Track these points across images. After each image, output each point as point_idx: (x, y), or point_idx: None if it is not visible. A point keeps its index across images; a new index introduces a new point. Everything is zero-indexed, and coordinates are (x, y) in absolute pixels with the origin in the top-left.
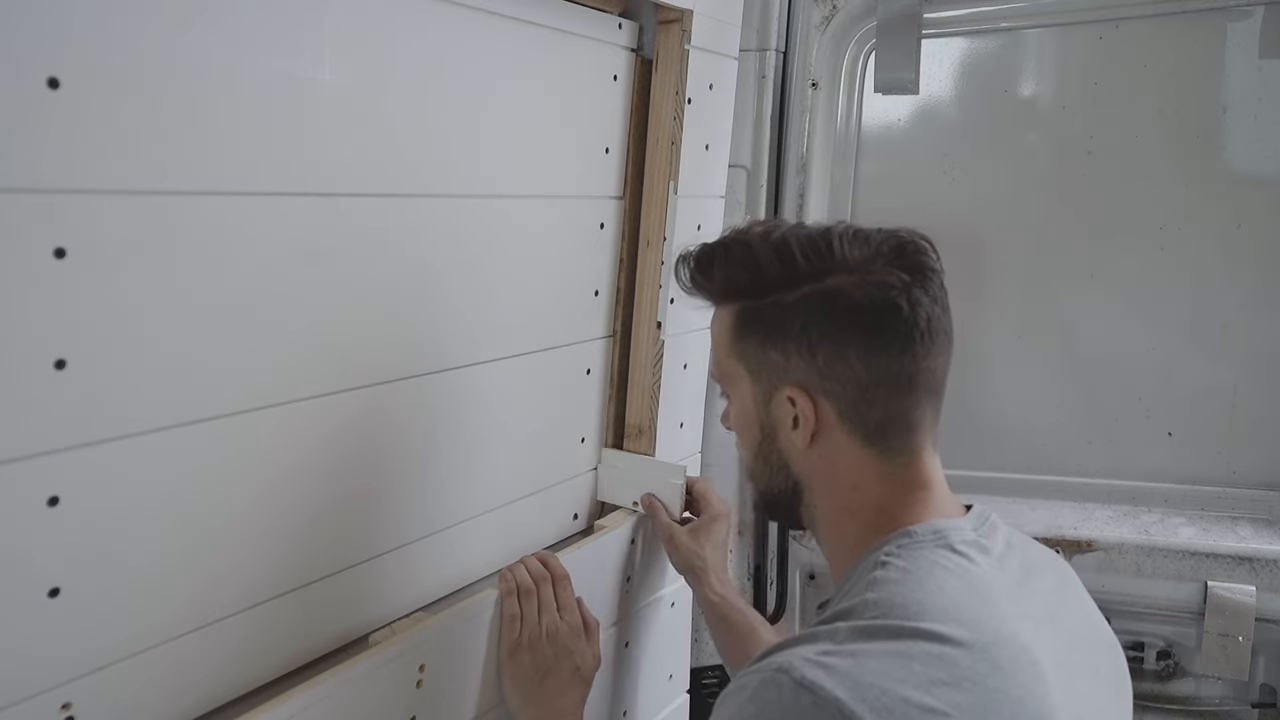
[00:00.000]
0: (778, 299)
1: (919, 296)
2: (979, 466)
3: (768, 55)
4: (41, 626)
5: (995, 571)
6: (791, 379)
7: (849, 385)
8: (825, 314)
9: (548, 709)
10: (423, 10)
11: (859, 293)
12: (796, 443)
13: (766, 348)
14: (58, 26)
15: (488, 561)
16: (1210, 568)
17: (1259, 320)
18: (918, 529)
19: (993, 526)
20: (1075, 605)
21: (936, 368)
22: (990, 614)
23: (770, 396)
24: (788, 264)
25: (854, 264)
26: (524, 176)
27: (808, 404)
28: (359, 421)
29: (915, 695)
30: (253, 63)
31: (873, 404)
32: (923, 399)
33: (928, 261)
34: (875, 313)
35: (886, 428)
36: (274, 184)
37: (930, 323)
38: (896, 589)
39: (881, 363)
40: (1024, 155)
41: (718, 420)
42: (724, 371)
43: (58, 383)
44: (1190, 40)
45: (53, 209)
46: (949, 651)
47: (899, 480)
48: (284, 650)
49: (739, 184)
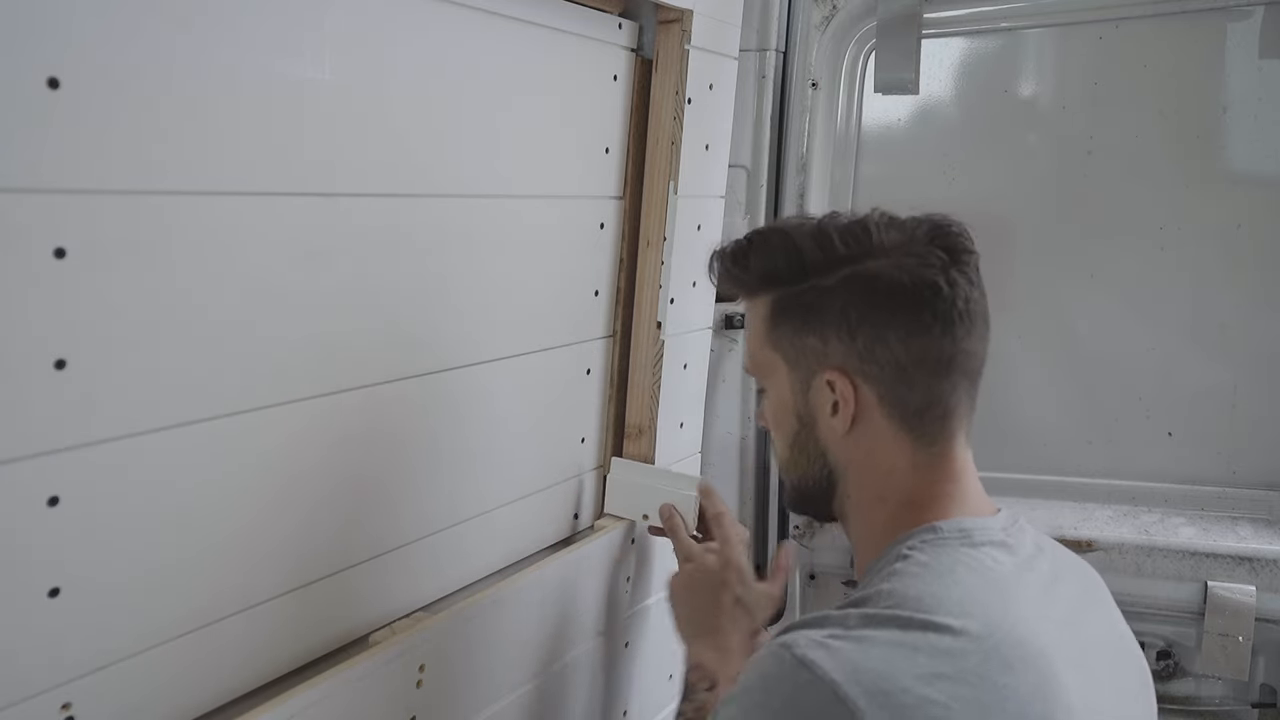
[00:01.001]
0: (816, 283)
1: (956, 277)
2: (979, 466)
3: (768, 55)
4: (41, 626)
5: (1020, 573)
6: (830, 363)
7: (888, 367)
8: (865, 295)
9: (712, 642)
10: (422, 10)
11: (899, 273)
12: (836, 429)
13: (804, 333)
14: (58, 26)
15: (488, 562)
16: (1210, 568)
17: (1259, 320)
18: (944, 525)
19: (1021, 529)
20: (1102, 612)
21: (975, 351)
22: (1006, 613)
23: (808, 383)
24: (826, 248)
25: (891, 247)
26: (524, 176)
27: (848, 387)
28: (359, 421)
29: (915, 685)
30: (252, 63)
31: (912, 386)
32: (960, 383)
33: (965, 243)
34: (915, 292)
35: (924, 412)
36: (274, 184)
37: (969, 304)
38: (913, 582)
39: (921, 344)
40: (1024, 155)
41: (716, 420)
42: (759, 363)
43: (58, 383)
44: (1190, 40)
45: (53, 209)
46: (958, 645)
47: (931, 470)
48: (284, 650)
49: (739, 184)
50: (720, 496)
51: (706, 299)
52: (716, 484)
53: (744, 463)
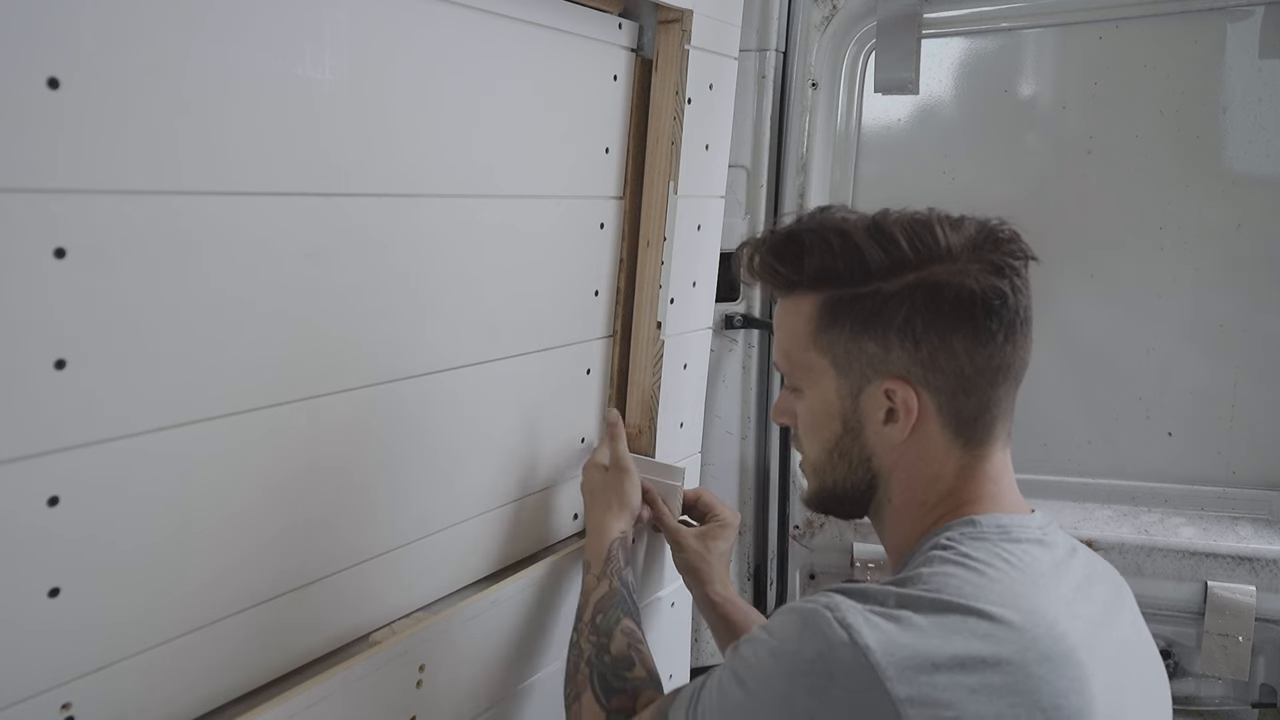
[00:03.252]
0: (880, 287)
1: (1019, 285)
2: None
3: (768, 55)
4: (41, 626)
5: (1056, 570)
6: (891, 371)
7: (951, 376)
8: (933, 303)
9: (590, 534)
10: (423, 10)
11: (970, 280)
12: (889, 437)
13: (862, 339)
14: (58, 26)
15: (488, 561)
16: (1210, 568)
17: (1259, 320)
18: (982, 519)
19: (1056, 530)
20: (1129, 618)
21: (1026, 357)
22: (1046, 606)
23: (860, 389)
24: (892, 251)
25: (956, 252)
26: (524, 176)
27: (911, 396)
28: (359, 421)
29: (949, 665)
30: (253, 63)
31: (970, 394)
32: (1010, 390)
33: (1024, 249)
34: (986, 301)
35: (977, 419)
36: (274, 184)
37: (1027, 311)
38: (955, 570)
39: (987, 353)
40: (1024, 155)
41: (716, 419)
42: (798, 364)
43: (58, 383)
44: (1190, 40)
45: (53, 209)
46: (997, 632)
47: (973, 472)
48: (284, 650)
49: (739, 184)
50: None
51: (707, 299)
52: (716, 484)
53: (744, 462)
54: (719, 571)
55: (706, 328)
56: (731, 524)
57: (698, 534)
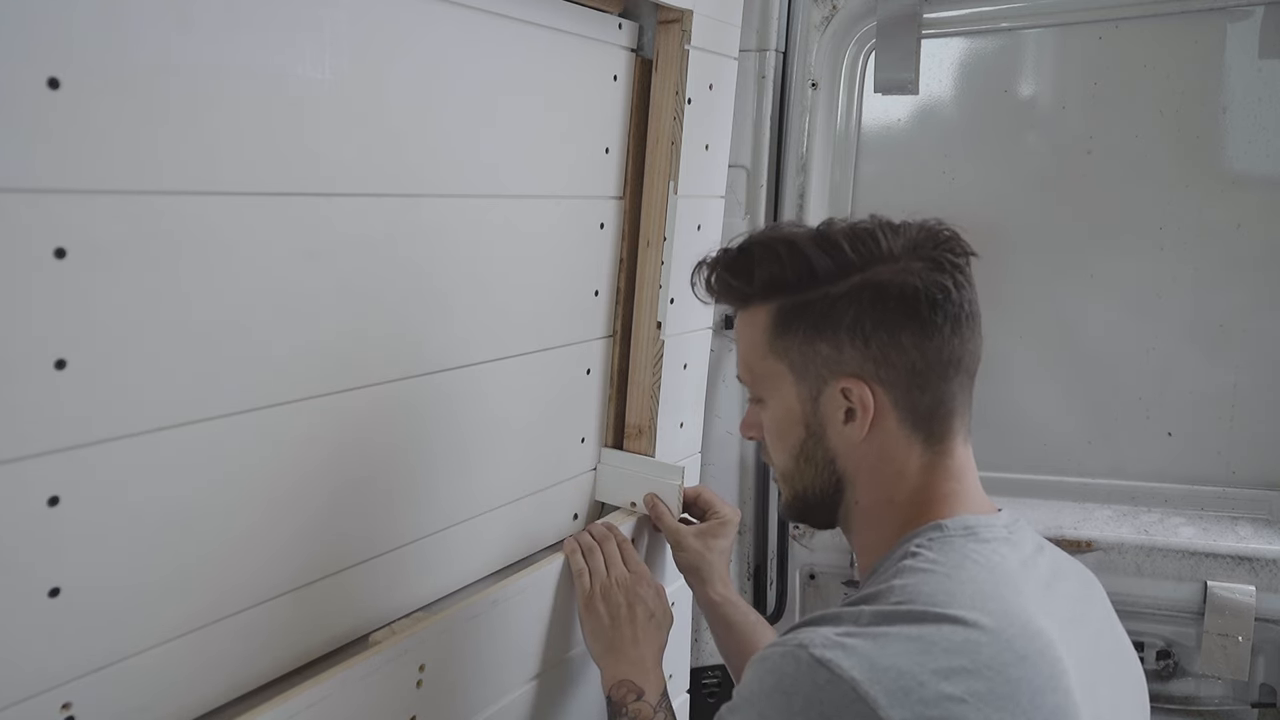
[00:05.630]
0: (828, 291)
1: (962, 280)
2: (979, 466)
3: (768, 55)
4: (41, 626)
5: (1025, 569)
6: (845, 370)
7: (903, 371)
8: (879, 301)
9: (627, 656)
10: (423, 10)
11: (912, 278)
12: (849, 436)
13: (815, 341)
14: (58, 26)
15: (488, 561)
16: (1210, 568)
17: (1259, 321)
18: (949, 523)
19: (1022, 528)
20: (1100, 614)
21: (976, 351)
22: (1019, 606)
23: (819, 391)
24: (836, 256)
25: (898, 253)
26: (524, 176)
27: (866, 393)
28: (359, 421)
29: (933, 680)
30: (253, 63)
31: (924, 389)
32: (964, 383)
33: (964, 246)
34: (928, 296)
35: (933, 413)
36: (274, 184)
37: (971, 305)
38: (924, 578)
39: (935, 346)
40: (1024, 155)
41: (716, 420)
42: (759, 373)
43: (58, 383)
44: (1190, 40)
45: (53, 209)
46: (973, 637)
47: (936, 469)
48: (284, 650)
49: (739, 184)
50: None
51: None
52: (716, 484)
53: (744, 462)
54: (719, 571)
55: (706, 328)
56: (732, 521)
57: (698, 532)
